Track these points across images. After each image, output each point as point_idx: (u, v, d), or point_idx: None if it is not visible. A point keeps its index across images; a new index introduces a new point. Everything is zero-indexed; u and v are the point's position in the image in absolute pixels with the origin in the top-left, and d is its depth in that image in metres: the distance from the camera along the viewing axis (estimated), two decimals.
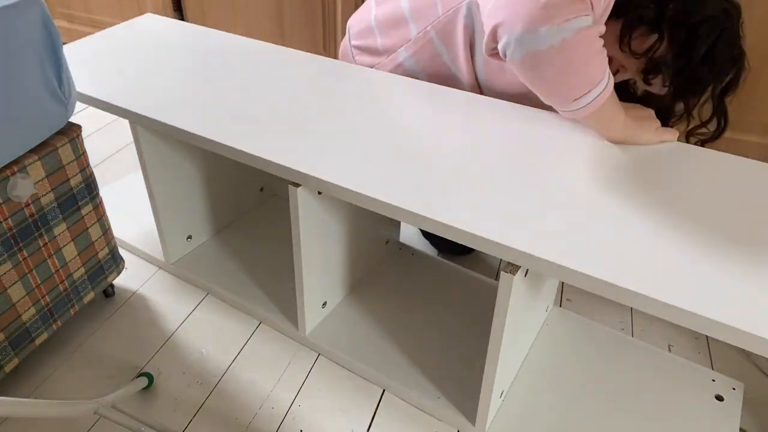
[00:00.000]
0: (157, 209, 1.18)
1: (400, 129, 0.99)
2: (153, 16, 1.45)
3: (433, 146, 0.94)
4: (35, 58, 0.86)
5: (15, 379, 1.04)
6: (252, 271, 1.26)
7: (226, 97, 1.08)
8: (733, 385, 1.04)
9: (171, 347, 1.12)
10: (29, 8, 0.84)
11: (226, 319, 1.18)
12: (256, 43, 1.28)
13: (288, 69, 1.18)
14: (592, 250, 0.73)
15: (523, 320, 0.92)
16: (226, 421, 0.99)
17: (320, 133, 0.97)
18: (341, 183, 0.85)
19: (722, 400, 1.01)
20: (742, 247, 0.75)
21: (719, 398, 1.02)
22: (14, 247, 0.91)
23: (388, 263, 1.29)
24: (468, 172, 0.88)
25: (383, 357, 1.07)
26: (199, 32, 1.34)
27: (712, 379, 1.05)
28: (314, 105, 1.05)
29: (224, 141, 0.94)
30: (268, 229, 1.39)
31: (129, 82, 1.13)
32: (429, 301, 1.19)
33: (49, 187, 0.95)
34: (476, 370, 1.05)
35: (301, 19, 1.92)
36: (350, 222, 1.09)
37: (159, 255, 1.28)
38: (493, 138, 0.97)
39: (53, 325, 1.03)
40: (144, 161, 1.11)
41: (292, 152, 0.92)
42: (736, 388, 1.04)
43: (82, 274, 1.06)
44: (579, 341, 1.12)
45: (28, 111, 0.87)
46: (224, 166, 1.30)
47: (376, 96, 1.09)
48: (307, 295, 1.05)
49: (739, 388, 1.04)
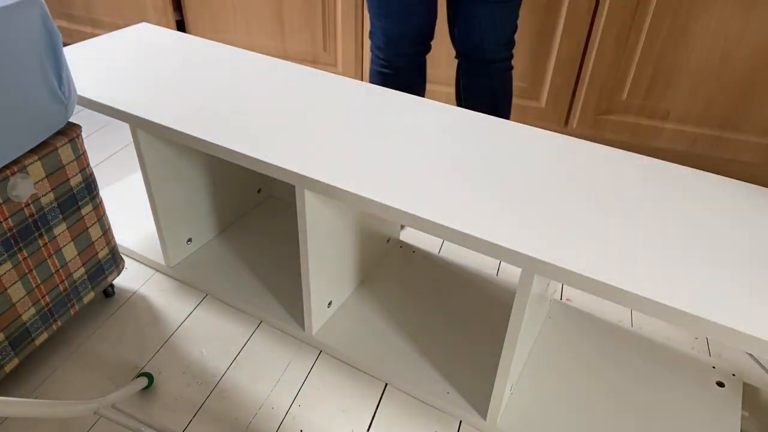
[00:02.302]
0: (158, 214, 1.18)
1: (394, 134, 0.99)
2: (152, 26, 1.45)
3: (428, 153, 0.94)
4: (35, 58, 0.86)
5: (15, 379, 1.04)
6: (253, 272, 1.26)
7: (225, 102, 1.09)
8: (733, 372, 1.05)
9: (171, 347, 1.12)
10: (29, 8, 0.84)
11: (226, 319, 1.18)
12: (253, 54, 1.29)
13: (285, 79, 1.19)
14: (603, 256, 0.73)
15: (534, 315, 0.93)
16: (226, 421, 0.99)
17: (321, 138, 0.98)
18: (341, 186, 0.85)
19: (723, 387, 1.02)
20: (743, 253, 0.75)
21: (720, 384, 1.03)
22: (14, 247, 0.91)
23: (390, 261, 1.29)
24: (468, 176, 0.88)
25: (390, 353, 1.07)
26: (199, 42, 1.34)
27: (713, 366, 1.06)
28: (310, 111, 1.06)
29: (225, 144, 0.95)
30: (267, 230, 1.39)
31: (129, 86, 1.13)
32: (432, 299, 1.20)
33: (49, 187, 0.95)
34: (482, 365, 1.05)
35: (301, 19, 1.92)
36: (354, 221, 1.09)
37: (159, 259, 1.28)
38: (493, 144, 0.98)
39: (53, 325, 1.03)
40: (144, 165, 1.11)
41: (294, 155, 0.93)
42: (737, 374, 1.05)
43: (82, 274, 1.06)
44: (580, 333, 1.12)
45: (28, 111, 0.87)
46: (222, 169, 1.30)
47: (369, 105, 1.10)
48: (314, 295, 1.06)
49: (739, 374, 1.05)
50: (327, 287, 1.09)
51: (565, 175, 0.89)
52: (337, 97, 1.10)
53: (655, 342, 1.11)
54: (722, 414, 0.98)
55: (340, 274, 1.13)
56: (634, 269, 0.71)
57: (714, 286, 0.69)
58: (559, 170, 0.90)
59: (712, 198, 0.86)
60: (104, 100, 1.07)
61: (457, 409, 0.98)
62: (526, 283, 0.78)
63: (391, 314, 1.16)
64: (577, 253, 0.74)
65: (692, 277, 0.71)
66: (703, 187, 0.88)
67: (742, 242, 0.76)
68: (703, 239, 0.77)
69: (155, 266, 1.30)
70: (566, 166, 0.91)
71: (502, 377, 0.89)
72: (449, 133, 1.00)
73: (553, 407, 0.98)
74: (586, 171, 0.91)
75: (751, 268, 0.72)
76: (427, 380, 1.02)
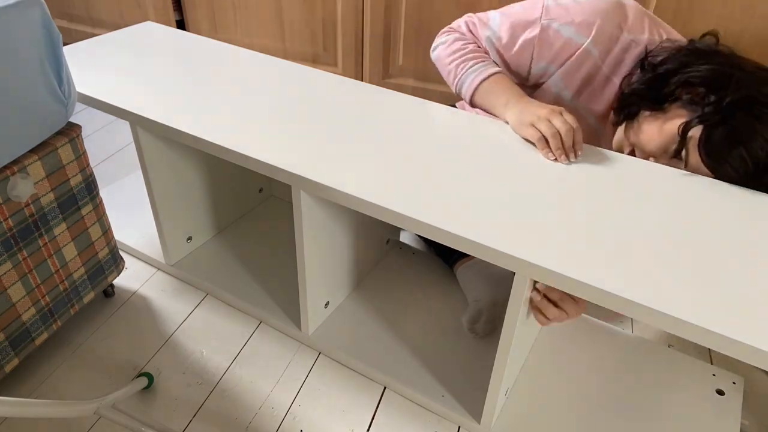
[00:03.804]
0: (158, 211, 1.18)
1: (394, 137, 0.99)
2: (156, 24, 1.45)
3: (428, 154, 0.94)
4: (35, 58, 0.86)
5: (15, 379, 1.04)
6: (252, 272, 1.26)
7: (225, 101, 1.09)
8: (733, 380, 1.04)
9: (171, 347, 1.12)
10: (29, 8, 0.84)
11: (226, 319, 1.18)
12: (254, 54, 1.29)
13: (285, 78, 1.19)
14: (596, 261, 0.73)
15: (530, 319, 0.92)
16: (226, 421, 0.99)
17: (319, 138, 0.98)
18: (337, 186, 0.85)
19: (723, 395, 1.02)
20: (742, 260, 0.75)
21: (720, 392, 1.02)
22: (14, 247, 0.91)
23: (389, 262, 1.29)
24: (468, 179, 0.88)
25: (386, 356, 1.07)
26: (200, 41, 1.34)
27: (713, 373, 1.06)
28: (310, 111, 1.06)
29: (223, 143, 0.95)
30: (268, 230, 1.39)
31: (130, 84, 1.13)
32: (430, 300, 1.19)
33: (49, 187, 0.95)
34: (479, 369, 1.05)
35: (301, 19, 1.92)
36: (352, 222, 1.09)
37: (159, 257, 1.28)
38: (493, 148, 0.98)
39: (53, 325, 1.03)
40: (144, 163, 1.11)
41: (291, 155, 0.93)
42: (737, 382, 1.04)
43: (82, 274, 1.06)
44: (579, 338, 1.12)
45: (28, 111, 0.87)
46: (223, 168, 1.30)
47: (370, 106, 1.10)
48: (310, 296, 1.05)
49: (740, 382, 1.04)
50: (324, 288, 1.09)
51: (573, 181, 0.89)
52: (337, 97, 1.10)
53: (655, 348, 1.10)
54: (722, 422, 0.97)
55: (337, 275, 1.13)
56: (634, 277, 0.71)
57: (713, 293, 0.69)
58: (578, 177, 0.90)
59: (719, 205, 0.86)
60: (104, 98, 1.07)
61: (451, 412, 0.98)
62: (520, 285, 0.77)
63: (387, 315, 1.16)
64: (575, 259, 0.73)
65: (699, 286, 0.71)
66: (701, 188, 0.88)
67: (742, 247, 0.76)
68: (704, 243, 0.77)
69: (155, 264, 1.30)
70: (581, 175, 0.91)
71: (497, 381, 0.88)
72: (449, 134, 1.00)
73: (548, 412, 0.98)
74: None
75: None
76: (423, 383, 1.02)
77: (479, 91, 1.02)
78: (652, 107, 0.94)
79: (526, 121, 0.95)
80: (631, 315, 0.68)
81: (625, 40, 0.98)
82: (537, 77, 1.05)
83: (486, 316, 1.10)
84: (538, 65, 1.02)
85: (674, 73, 0.91)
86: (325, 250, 1.04)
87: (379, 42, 1.84)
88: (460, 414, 0.97)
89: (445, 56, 1.07)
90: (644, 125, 0.95)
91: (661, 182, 0.89)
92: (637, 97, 0.95)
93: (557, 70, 1.01)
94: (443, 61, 1.07)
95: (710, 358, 1.13)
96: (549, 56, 1.00)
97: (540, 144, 0.93)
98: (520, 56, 1.03)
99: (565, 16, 0.98)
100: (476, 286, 1.15)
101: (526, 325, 0.88)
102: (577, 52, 0.98)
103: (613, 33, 0.98)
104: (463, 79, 1.03)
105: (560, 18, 0.98)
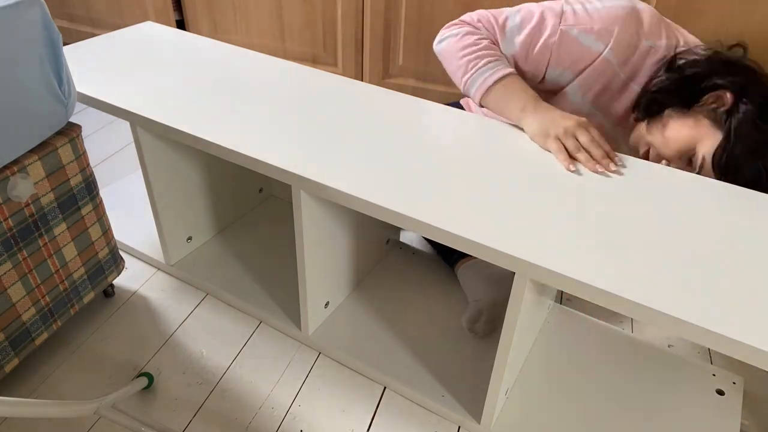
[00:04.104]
0: (158, 210, 1.18)
1: (395, 139, 0.99)
2: (157, 24, 1.46)
3: (430, 155, 0.94)
4: (35, 58, 0.86)
5: (15, 379, 1.04)
6: (253, 272, 1.26)
7: (225, 100, 1.09)
8: (733, 380, 1.04)
9: (171, 347, 1.12)
10: (29, 8, 0.84)
11: (226, 319, 1.18)
12: (255, 54, 1.29)
13: (285, 78, 1.19)
14: (597, 262, 0.73)
15: (530, 319, 0.93)
16: (226, 421, 0.99)
17: (319, 138, 0.98)
18: (336, 186, 0.85)
19: (723, 395, 1.02)
20: (741, 261, 0.75)
21: (720, 392, 1.02)
22: (14, 247, 0.91)
23: (389, 262, 1.29)
24: (468, 180, 0.88)
25: (386, 356, 1.07)
26: (200, 41, 1.34)
27: (713, 373, 1.06)
28: (310, 111, 1.06)
29: (222, 143, 0.95)
30: (268, 230, 1.39)
31: (130, 83, 1.14)
32: (430, 300, 1.19)
33: (49, 187, 0.95)
34: (479, 369, 1.05)
35: (301, 19, 1.92)
36: (352, 222, 1.09)
37: (159, 257, 1.28)
38: (494, 148, 0.98)
39: (53, 325, 1.03)
40: (144, 163, 1.11)
41: (291, 155, 0.93)
42: (737, 382, 1.04)
43: (82, 274, 1.06)
44: (580, 338, 1.12)
45: (28, 111, 0.87)
46: (224, 168, 1.30)
47: (370, 106, 1.10)
48: (310, 296, 1.05)
49: (740, 383, 1.04)
50: (324, 288, 1.09)
51: (573, 181, 0.89)
52: (337, 97, 1.10)
53: (655, 348, 1.10)
54: (722, 422, 0.97)
55: (337, 275, 1.13)
56: (635, 277, 0.71)
57: (714, 292, 0.69)
58: (579, 177, 0.90)
59: (719, 209, 0.86)
60: (104, 98, 1.07)
61: (451, 412, 0.98)
62: (520, 285, 0.77)
63: (387, 315, 1.16)
64: (575, 260, 0.73)
65: (703, 287, 0.71)
66: (702, 188, 0.88)
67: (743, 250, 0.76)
68: (705, 245, 0.77)
69: (155, 264, 1.30)
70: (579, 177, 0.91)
71: (497, 381, 0.88)
72: (449, 134, 1.00)
73: (548, 412, 0.98)
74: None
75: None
76: (423, 383, 1.02)
77: (492, 92, 0.99)
78: (679, 107, 0.95)
79: (552, 133, 0.93)
80: (631, 315, 0.68)
81: (644, 47, 0.98)
82: (551, 82, 1.04)
83: (486, 316, 1.10)
84: (554, 70, 1.01)
85: (703, 78, 0.92)
86: (325, 250, 1.04)
87: (379, 42, 1.84)
88: (460, 414, 0.97)
89: (455, 50, 1.01)
90: (669, 124, 0.96)
91: (661, 182, 0.89)
92: (665, 95, 0.95)
93: (574, 77, 1.01)
94: (453, 54, 1.02)
95: (710, 358, 1.13)
96: (567, 63, 1.00)
97: (561, 156, 0.91)
98: (538, 61, 1.01)
99: (583, 22, 0.98)
100: (476, 286, 1.15)
101: (526, 325, 0.88)
102: (596, 60, 0.98)
103: (631, 41, 0.98)
104: (475, 78, 1.00)
105: (579, 24, 0.98)
